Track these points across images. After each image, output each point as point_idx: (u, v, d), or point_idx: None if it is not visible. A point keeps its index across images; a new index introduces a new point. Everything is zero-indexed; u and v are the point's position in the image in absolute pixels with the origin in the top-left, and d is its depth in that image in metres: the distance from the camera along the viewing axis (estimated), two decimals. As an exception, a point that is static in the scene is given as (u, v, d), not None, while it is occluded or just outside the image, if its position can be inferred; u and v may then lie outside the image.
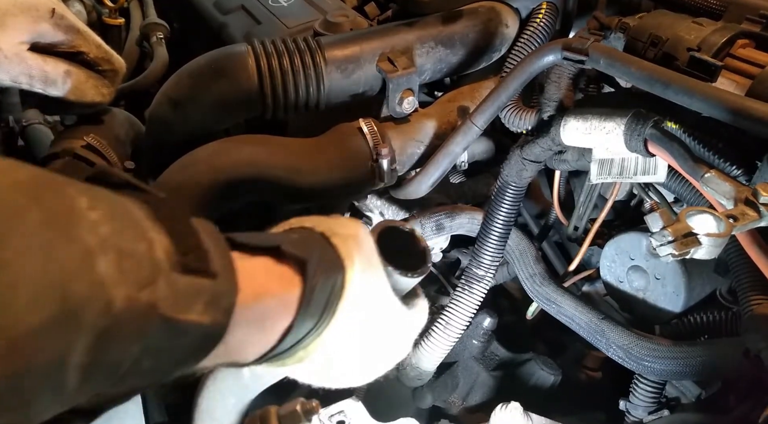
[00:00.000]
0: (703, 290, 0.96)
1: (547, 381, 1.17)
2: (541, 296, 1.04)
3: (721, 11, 0.87)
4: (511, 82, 0.89)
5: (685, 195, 0.87)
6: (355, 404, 0.80)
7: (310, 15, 1.18)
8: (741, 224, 0.61)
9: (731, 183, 0.68)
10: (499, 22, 1.09)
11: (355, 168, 0.96)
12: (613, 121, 0.83)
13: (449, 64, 1.08)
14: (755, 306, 0.78)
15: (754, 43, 0.82)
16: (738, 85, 0.77)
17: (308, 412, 0.72)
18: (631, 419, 0.97)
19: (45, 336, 0.33)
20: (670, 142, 0.76)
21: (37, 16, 0.80)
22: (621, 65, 0.78)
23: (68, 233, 0.36)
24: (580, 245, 1.06)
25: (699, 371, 0.86)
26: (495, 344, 1.21)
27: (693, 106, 0.72)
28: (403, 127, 1.04)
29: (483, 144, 1.14)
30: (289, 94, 0.96)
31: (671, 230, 0.59)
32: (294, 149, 0.94)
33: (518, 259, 1.09)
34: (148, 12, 1.46)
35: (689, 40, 0.80)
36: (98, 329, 0.36)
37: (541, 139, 0.93)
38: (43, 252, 0.34)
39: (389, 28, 1.05)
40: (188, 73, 0.98)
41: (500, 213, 1.03)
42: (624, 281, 1.01)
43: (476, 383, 1.20)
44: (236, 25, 1.18)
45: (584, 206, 1.09)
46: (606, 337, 0.94)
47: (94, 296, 0.36)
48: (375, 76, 1.02)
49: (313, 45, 0.98)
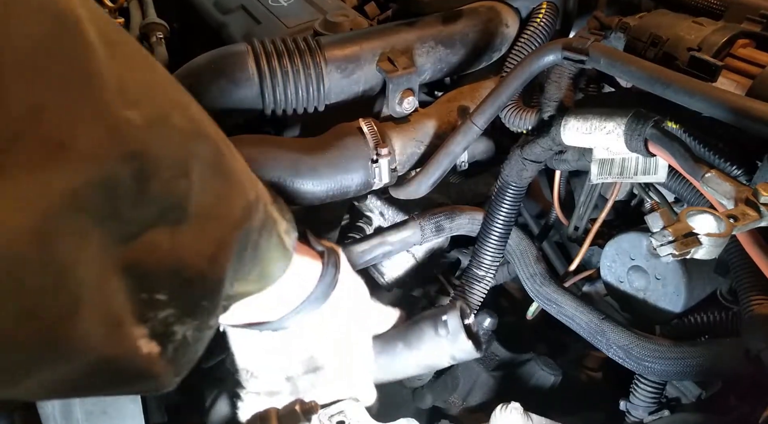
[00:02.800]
0: (704, 290, 0.96)
1: (547, 381, 1.17)
2: (542, 296, 1.04)
3: (721, 11, 0.87)
4: (511, 82, 0.89)
5: (685, 195, 0.87)
6: (355, 404, 0.80)
7: (310, 15, 1.18)
8: (741, 224, 0.61)
9: (732, 183, 0.68)
10: (499, 22, 1.09)
11: (355, 168, 0.96)
12: (613, 121, 0.83)
13: (449, 64, 1.08)
14: (756, 306, 0.78)
15: (754, 43, 0.82)
16: (738, 85, 0.77)
17: (308, 412, 0.72)
18: (631, 419, 0.97)
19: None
20: (671, 142, 0.76)
21: None
22: (621, 65, 0.78)
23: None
24: (581, 245, 1.06)
25: (699, 372, 0.86)
26: (495, 344, 1.21)
27: (693, 106, 0.72)
28: (403, 127, 1.04)
29: (483, 144, 1.13)
30: (289, 94, 0.96)
31: (672, 230, 0.59)
32: (293, 149, 0.94)
33: (519, 259, 1.08)
34: (148, 12, 1.46)
35: (690, 39, 0.80)
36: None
37: (541, 139, 0.93)
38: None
39: (389, 27, 1.05)
40: (188, 73, 0.98)
41: (500, 213, 1.03)
42: (624, 281, 1.01)
43: (476, 384, 1.20)
44: (236, 24, 1.18)
45: (584, 206, 1.09)
46: (606, 337, 0.94)
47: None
48: (375, 76, 1.02)
49: (313, 45, 0.98)
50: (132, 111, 0.37)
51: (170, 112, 0.41)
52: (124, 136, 0.37)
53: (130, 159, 0.37)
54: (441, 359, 0.87)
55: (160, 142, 0.39)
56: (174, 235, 0.42)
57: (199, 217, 0.43)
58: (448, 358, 0.87)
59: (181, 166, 0.41)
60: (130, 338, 0.40)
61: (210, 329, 0.49)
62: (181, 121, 0.42)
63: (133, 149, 0.37)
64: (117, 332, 0.39)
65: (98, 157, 0.35)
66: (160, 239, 0.40)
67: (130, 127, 0.37)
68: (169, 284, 0.42)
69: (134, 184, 0.37)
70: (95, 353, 0.38)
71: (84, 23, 0.36)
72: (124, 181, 0.36)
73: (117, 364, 0.40)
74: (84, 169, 0.34)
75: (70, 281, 0.35)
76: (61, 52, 0.34)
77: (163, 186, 0.40)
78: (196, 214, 0.43)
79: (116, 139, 0.36)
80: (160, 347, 0.43)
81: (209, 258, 0.45)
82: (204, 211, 0.44)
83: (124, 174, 0.36)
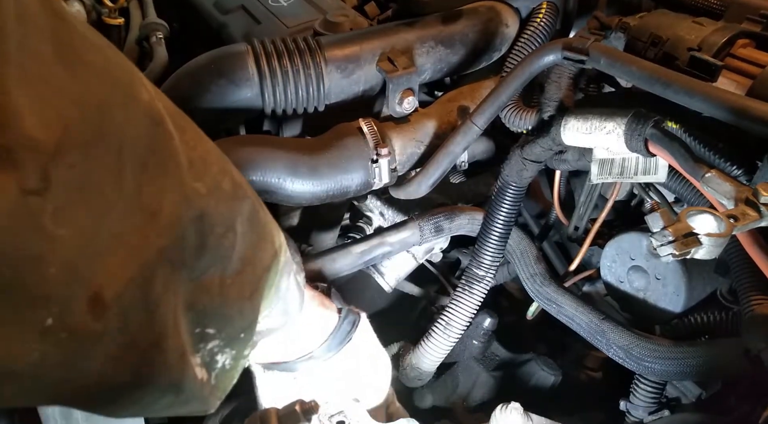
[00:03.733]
0: (704, 290, 0.96)
1: (548, 381, 1.17)
2: (542, 296, 1.04)
3: (721, 11, 0.87)
4: (511, 82, 0.89)
5: (685, 195, 0.87)
6: (355, 405, 0.80)
7: (310, 15, 1.18)
8: (741, 224, 0.61)
9: (732, 183, 0.68)
10: (499, 22, 1.09)
11: (355, 168, 0.96)
12: (613, 121, 0.83)
13: (449, 64, 1.08)
14: (756, 306, 0.77)
15: (754, 43, 0.82)
16: (738, 84, 0.77)
17: (308, 412, 0.72)
18: (631, 419, 0.97)
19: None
20: (671, 142, 0.76)
21: None
22: (621, 65, 0.78)
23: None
24: (581, 245, 1.06)
25: (699, 372, 0.86)
26: (495, 344, 1.21)
27: (693, 105, 0.72)
28: (403, 127, 1.04)
29: (483, 144, 1.13)
30: (289, 94, 0.96)
31: (672, 230, 0.59)
32: (293, 149, 0.94)
33: (519, 259, 1.08)
34: (148, 12, 1.46)
35: (690, 39, 0.80)
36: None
37: (541, 139, 0.93)
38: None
39: (389, 27, 1.05)
40: (188, 73, 0.98)
41: (500, 213, 1.03)
42: (624, 281, 1.01)
43: (476, 384, 1.20)
44: (236, 25, 1.18)
45: (585, 206, 1.09)
46: (606, 337, 0.94)
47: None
48: (375, 76, 1.02)
49: (313, 45, 0.98)
50: (198, 182, 0.47)
51: (222, 179, 0.51)
52: (194, 203, 0.46)
53: (197, 221, 0.46)
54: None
55: (215, 205, 0.49)
56: (223, 278, 0.50)
57: (241, 264, 0.52)
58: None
59: (230, 224, 0.51)
60: (191, 365, 0.48)
61: (244, 358, 0.57)
62: (229, 186, 0.52)
63: (199, 213, 0.47)
64: (183, 360, 0.47)
65: (178, 220, 0.45)
66: (212, 282, 0.49)
67: (197, 195, 0.47)
68: (217, 320, 0.51)
69: (198, 239, 0.47)
70: (171, 378, 0.46)
71: (166, 120, 0.46)
72: (191, 237, 0.46)
73: (181, 388, 0.48)
74: (170, 231, 0.44)
75: (158, 316, 0.43)
76: (155, 145, 0.44)
77: (217, 240, 0.49)
78: (238, 261, 0.52)
79: (189, 206, 0.46)
80: (207, 374, 0.51)
81: (247, 298, 0.54)
82: (244, 258, 0.53)
83: (192, 233, 0.46)
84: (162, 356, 0.44)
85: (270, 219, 0.60)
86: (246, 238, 0.53)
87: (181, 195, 0.45)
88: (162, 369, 0.45)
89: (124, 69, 0.45)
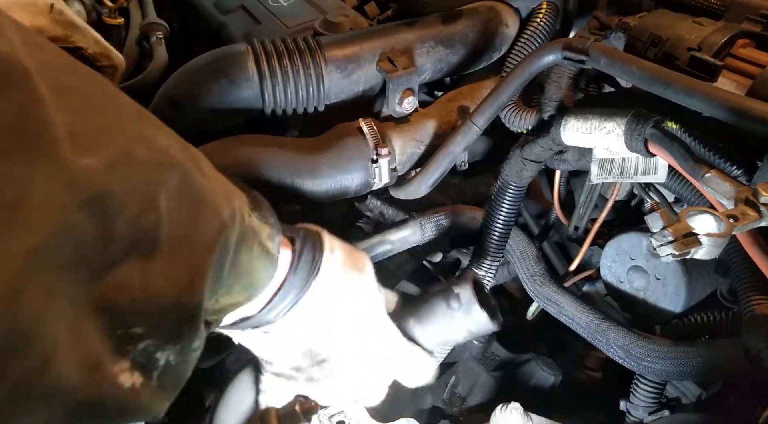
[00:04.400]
0: (704, 290, 0.96)
1: (548, 381, 1.17)
2: (542, 296, 1.04)
3: (721, 11, 0.87)
4: (511, 82, 0.89)
5: (685, 195, 0.87)
6: (355, 405, 0.80)
7: (310, 15, 1.18)
8: (741, 224, 0.61)
9: (731, 183, 0.68)
10: (499, 22, 1.09)
11: (355, 168, 0.96)
12: (613, 121, 0.83)
13: (449, 64, 1.08)
14: (756, 306, 0.77)
15: (754, 43, 0.82)
16: (738, 85, 0.77)
17: (307, 412, 0.72)
18: (631, 419, 0.97)
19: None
20: (671, 142, 0.76)
21: (36, 11, 0.80)
22: (621, 65, 0.78)
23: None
24: (581, 245, 1.06)
25: (699, 372, 0.86)
26: (495, 344, 1.21)
27: (693, 105, 0.72)
28: (403, 127, 1.04)
29: (483, 144, 1.13)
30: (289, 94, 0.96)
31: (671, 230, 0.59)
32: (293, 149, 0.94)
33: (519, 259, 1.08)
34: (148, 12, 1.46)
35: (690, 39, 0.80)
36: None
37: (541, 139, 0.93)
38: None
39: (389, 27, 1.05)
40: (188, 73, 0.98)
41: (500, 213, 1.03)
42: (624, 281, 1.01)
43: (476, 384, 1.20)
44: (236, 25, 1.18)
45: (584, 206, 1.09)
46: (606, 337, 0.94)
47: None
48: (375, 76, 1.02)
49: (313, 45, 0.98)
50: (89, 157, 0.38)
51: (132, 147, 0.42)
52: (81, 184, 0.37)
53: (88, 205, 0.37)
54: (456, 333, 0.80)
55: (122, 180, 0.40)
56: (145, 268, 0.42)
57: (171, 245, 0.44)
58: (464, 332, 0.80)
59: (148, 200, 0.42)
60: (110, 376, 0.41)
61: (194, 350, 0.50)
62: (145, 155, 0.43)
63: (92, 195, 0.37)
64: (96, 373, 0.40)
65: (55, 211, 0.35)
66: (130, 274, 0.41)
67: (87, 173, 0.37)
68: (144, 317, 0.43)
69: (97, 228, 0.38)
70: (76, 397, 0.38)
71: (32, 79, 0.36)
72: (85, 227, 0.37)
73: (100, 403, 0.40)
74: (42, 226, 0.34)
75: (39, 336, 0.35)
76: (11, 115, 0.34)
77: (130, 223, 0.40)
78: (167, 243, 0.44)
79: (72, 189, 0.36)
80: (143, 377, 0.44)
81: (185, 284, 0.46)
82: (175, 239, 0.44)
83: (84, 221, 0.37)
84: (50, 378, 0.36)
85: (215, 185, 0.51)
86: (175, 213, 0.44)
87: (58, 176, 0.36)
88: (53, 392, 0.36)
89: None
